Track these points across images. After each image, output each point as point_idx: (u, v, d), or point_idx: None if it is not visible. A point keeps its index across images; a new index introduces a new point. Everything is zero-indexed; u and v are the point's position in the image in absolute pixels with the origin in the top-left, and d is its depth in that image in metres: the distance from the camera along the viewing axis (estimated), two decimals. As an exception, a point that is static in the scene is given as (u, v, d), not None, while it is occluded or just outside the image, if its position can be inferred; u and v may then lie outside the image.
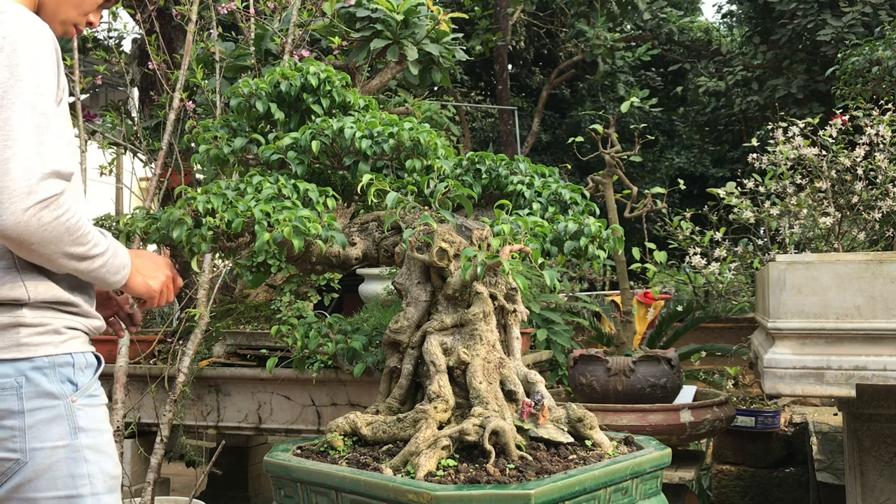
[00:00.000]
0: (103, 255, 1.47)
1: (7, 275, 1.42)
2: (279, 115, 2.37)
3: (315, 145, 2.20)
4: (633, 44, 15.06)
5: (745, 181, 3.89)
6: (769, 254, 3.93)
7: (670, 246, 4.42)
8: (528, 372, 2.14)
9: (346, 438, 2.10)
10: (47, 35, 1.44)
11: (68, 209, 1.38)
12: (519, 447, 1.89)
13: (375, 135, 2.22)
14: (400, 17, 3.80)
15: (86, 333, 1.54)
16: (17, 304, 1.43)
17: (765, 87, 11.04)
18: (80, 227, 1.40)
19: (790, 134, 3.69)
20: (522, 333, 2.91)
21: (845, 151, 3.56)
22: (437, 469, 1.83)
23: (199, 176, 4.44)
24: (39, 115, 1.37)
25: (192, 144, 2.75)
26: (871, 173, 3.54)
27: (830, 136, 3.60)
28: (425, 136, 2.25)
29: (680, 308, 4.56)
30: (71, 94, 3.43)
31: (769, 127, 4.09)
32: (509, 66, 13.90)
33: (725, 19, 14.96)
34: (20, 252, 1.39)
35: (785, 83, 10.36)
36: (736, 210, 3.92)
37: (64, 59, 1.76)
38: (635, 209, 3.72)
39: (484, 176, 2.38)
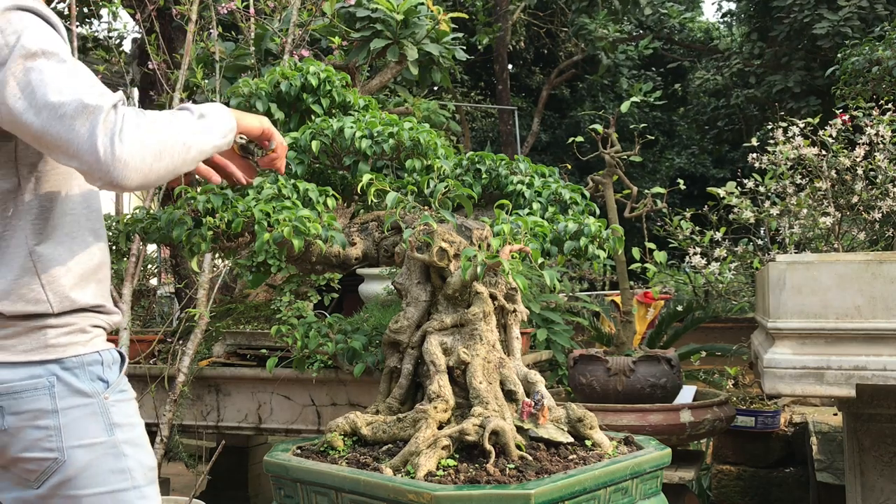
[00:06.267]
0: (205, 120, 1.44)
1: (30, 291, 1.39)
2: (279, 114, 2.37)
3: (315, 145, 2.20)
4: (633, 45, 15.07)
5: (745, 181, 3.89)
6: (769, 254, 3.93)
7: (670, 246, 4.41)
8: (528, 372, 2.14)
9: (346, 438, 2.10)
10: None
11: (126, 122, 1.28)
12: (519, 447, 1.89)
13: (375, 135, 2.22)
14: (400, 17, 3.80)
15: (106, 330, 1.54)
16: (41, 315, 1.41)
17: (763, 83, 11.05)
18: (156, 123, 1.33)
19: (790, 134, 3.69)
20: (522, 333, 2.91)
21: (845, 151, 3.56)
22: (437, 469, 1.83)
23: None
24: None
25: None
26: (871, 173, 3.54)
27: (830, 135, 3.60)
28: (425, 135, 2.25)
29: (680, 308, 4.56)
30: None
31: (769, 127, 4.09)
32: (509, 66, 13.90)
33: (725, 18, 14.97)
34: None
35: (782, 78, 10.38)
36: (736, 210, 3.92)
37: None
38: (635, 209, 3.72)
39: (484, 176, 2.38)
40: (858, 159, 3.49)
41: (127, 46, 7.00)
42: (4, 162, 1.39)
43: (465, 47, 4.39)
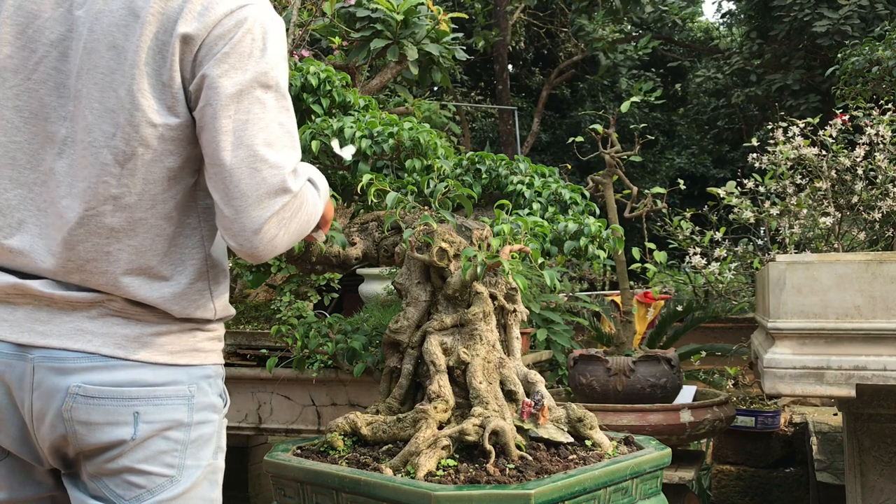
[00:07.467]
0: (323, 193, 1.38)
1: (202, 297, 1.31)
2: (279, 115, 2.37)
3: (315, 145, 2.20)
4: (633, 44, 15.07)
5: (745, 181, 3.89)
6: (769, 254, 3.92)
7: (670, 246, 4.41)
8: (528, 372, 2.14)
9: (346, 438, 2.10)
10: None
11: (295, 212, 1.25)
12: (519, 447, 1.89)
13: (375, 135, 2.22)
14: (400, 17, 3.80)
15: None
16: (203, 320, 1.34)
17: (762, 82, 11.06)
18: (307, 213, 1.28)
19: (790, 134, 3.69)
20: (522, 333, 2.91)
21: (845, 151, 3.56)
22: (437, 469, 1.83)
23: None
24: None
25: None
26: (871, 173, 3.53)
27: (830, 135, 3.60)
28: (425, 135, 2.25)
29: (680, 308, 4.56)
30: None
31: (769, 127, 4.09)
32: (509, 66, 13.91)
33: (725, 19, 14.97)
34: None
35: (782, 76, 10.40)
36: (736, 210, 3.91)
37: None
38: (635, 209, 3.72)
39: (484, 176, 2.38)
40: (858, 159, 3.49)
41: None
42: (196, 155, 1.27)
43: (465, 47, 4.40)
